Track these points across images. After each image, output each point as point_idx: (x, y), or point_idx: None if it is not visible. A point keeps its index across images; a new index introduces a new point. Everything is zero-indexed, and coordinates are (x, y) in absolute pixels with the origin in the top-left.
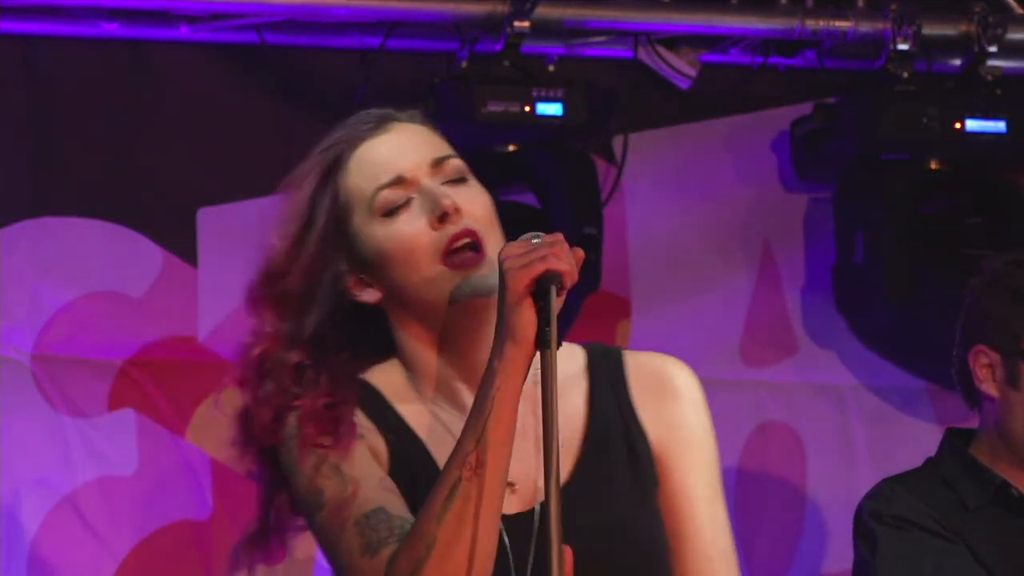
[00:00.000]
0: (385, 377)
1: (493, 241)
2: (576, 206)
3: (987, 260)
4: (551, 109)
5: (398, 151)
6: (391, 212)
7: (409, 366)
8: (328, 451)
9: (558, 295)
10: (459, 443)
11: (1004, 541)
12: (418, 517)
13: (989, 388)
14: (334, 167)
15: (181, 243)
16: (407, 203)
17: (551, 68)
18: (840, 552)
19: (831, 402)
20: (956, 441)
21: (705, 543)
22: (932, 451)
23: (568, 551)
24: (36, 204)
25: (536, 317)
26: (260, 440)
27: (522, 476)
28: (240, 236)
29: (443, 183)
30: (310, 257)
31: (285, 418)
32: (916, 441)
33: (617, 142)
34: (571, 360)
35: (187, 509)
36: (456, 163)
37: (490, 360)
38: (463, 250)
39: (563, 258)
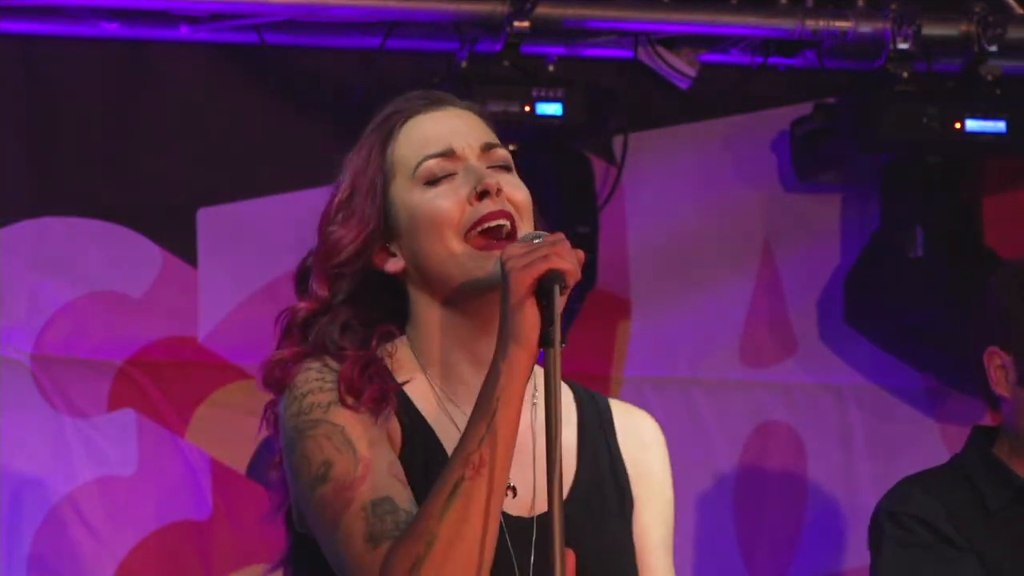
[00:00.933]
0: (397, 356)
1: (525, 232)
2: (570, 204)
3: (1005, 261)
4: (551, 109)
5: (450, 128)
6: (433, 181)
7: (417, 350)
8: (345, 418)
9: (561, 294)
10: (462, 441)
11: (1021, 545)
12: (419, 514)
13: (1002, 390)
14: (386, 138)
15: (181, 243)
16: (450, 176)
17: (551, 68)
18: (840, 552)
19: (831, 402)
20: (981, 439)
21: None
22: (933, 450)
23: (571, 554)
24: (36, 204)
25: (540, 317)
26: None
27: (523, 483)
28: (240, 236)
29: (489, 167)
30: (355, 222)
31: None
32: (916, 441)
33: (617, 142)
34: (564, 391)
35: (187, 509)
36: (504, 153)
37: (494, 360)
38: (495, 231)
39: (565, 257)
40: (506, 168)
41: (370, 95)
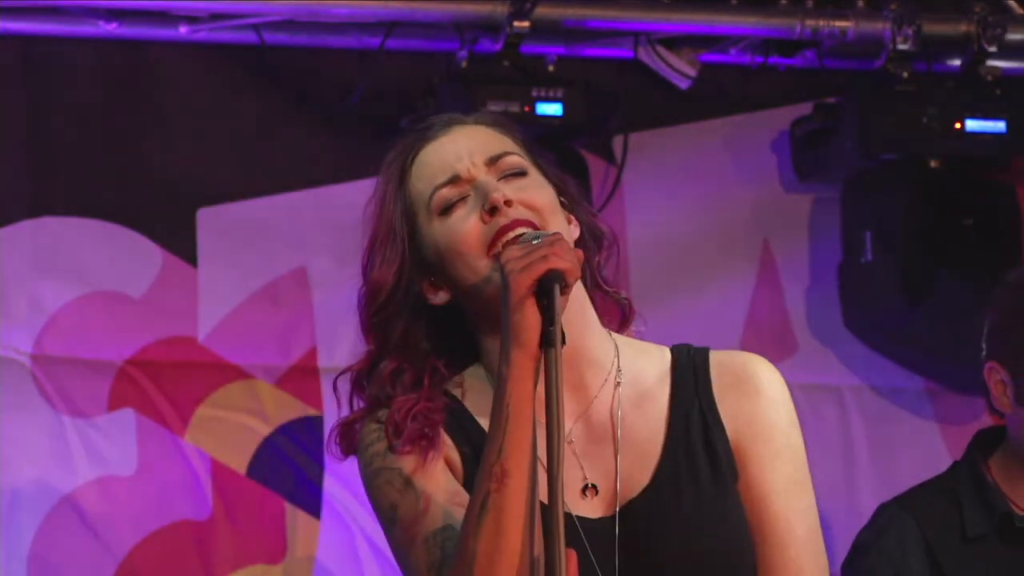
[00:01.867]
0: (469, 384)
1: (554, 230)
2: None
3: (1011, 272)
4: (551, 109)
5: (454, 152)
6: (447, 210)
7: (488, 372)
8: (402, 461)
9: (562, 294)
10: (484, 456)
11: (999, 573)
12: (459, 537)
13: (1002, 405)
14: (400, 176)
15: (181, 243)
16: (463, 200)
17: (551, 68)
18: (840, 552)
19: (831, 402)
20: (979, 450)
21: (781, 533)
22: (932, 451)
23: (572, 553)
24: (36, 204)
25: (540, 318)
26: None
27: (603, 479)
28: (240, 236)
29: (499, 179)
30: (395, 267)
31: (366, 423)
32: (916, 441)
33: (617, 142)
34: (656, 362)
35: (187, 509)
36: (513, 159)
37: (499, 366)
38: (516, 240)
39: (564, 256)
40: (518, 174)
41: (370, 95)
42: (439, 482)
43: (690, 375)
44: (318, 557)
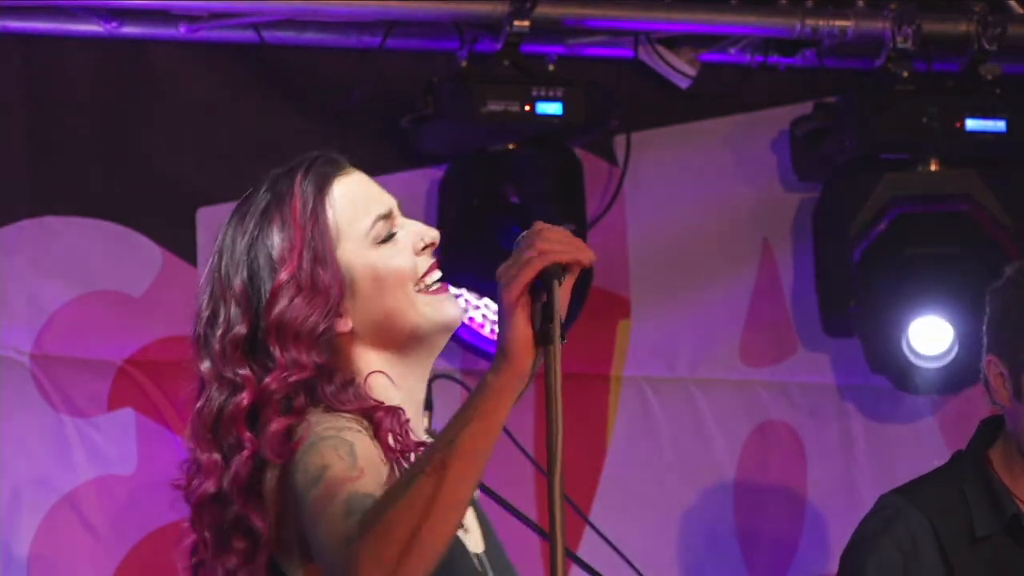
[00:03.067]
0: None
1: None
2: (555, 201)
3: (1010, 265)
4: (551, 109)
5: (377, 191)
6: (386, 240)
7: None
8: (357, 442)
9: (564, 281)
10: (432, 443)
11: (1008, 574)
12: (383, 496)
13: (1002, 398)
14: (318, 197)
15: (181, 243)
16: (394, 236)
17: (551, 68)
18: (840, 552)
19: (831, 402)
20: (983, 441)
21: None
22: (931, 451)
23: None
24: (36, 204)
25: (529, 332)
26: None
27: (469, 520)
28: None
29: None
30: (320, 297)
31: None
32: (916, 441)
33: (619, 142)
34: None
35: (187, 509)
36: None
37: (488, 372)
38: (437, 281)
39: (550, 250)
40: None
41: (370, 95)
42: (380, 469)
43: None
44: None
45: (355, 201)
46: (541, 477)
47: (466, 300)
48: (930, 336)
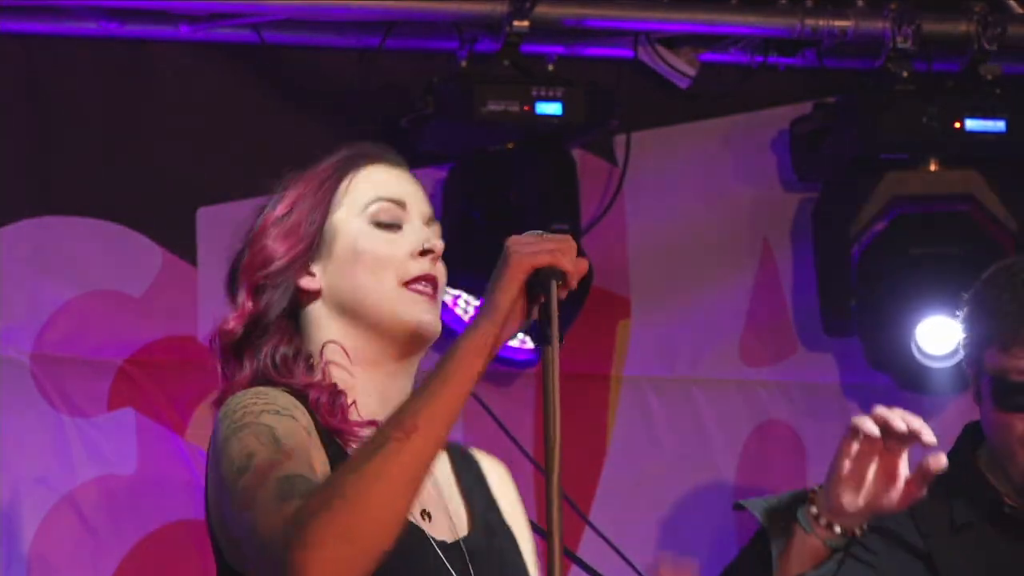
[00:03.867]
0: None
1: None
2: (547, 200)
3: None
4: (551, 109)
5: (410, 187)
6: (382, 224)
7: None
8: (276, 425)
9: (558, 292)
10: (401, 407)
11: (988, 561)
12: (336, 469)
13: (976, 399)
14: (342, 172)
15: (181, 243)
16: (398, 227)
17: (551, 68)
18: None
19: (831, 402)
20: (967, 440)
21: None
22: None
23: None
24: (36, 204)
25: (525, 303)
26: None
27: (435, 508)
28: (240, 236)
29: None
30: (290, 239)
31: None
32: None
33: (619, 142)
34: None
35: (187, 509)
36: (439, 232)
37: (459, 337)
38: (425, 285)
39: (568, 258)
40: (435, 250)
41: (370, 95)
42: (306, 453)
43: (465, 460)
44: None
45: (375, 178)
46: (541, 477)
47: (465, 301)
48: (938, 336)
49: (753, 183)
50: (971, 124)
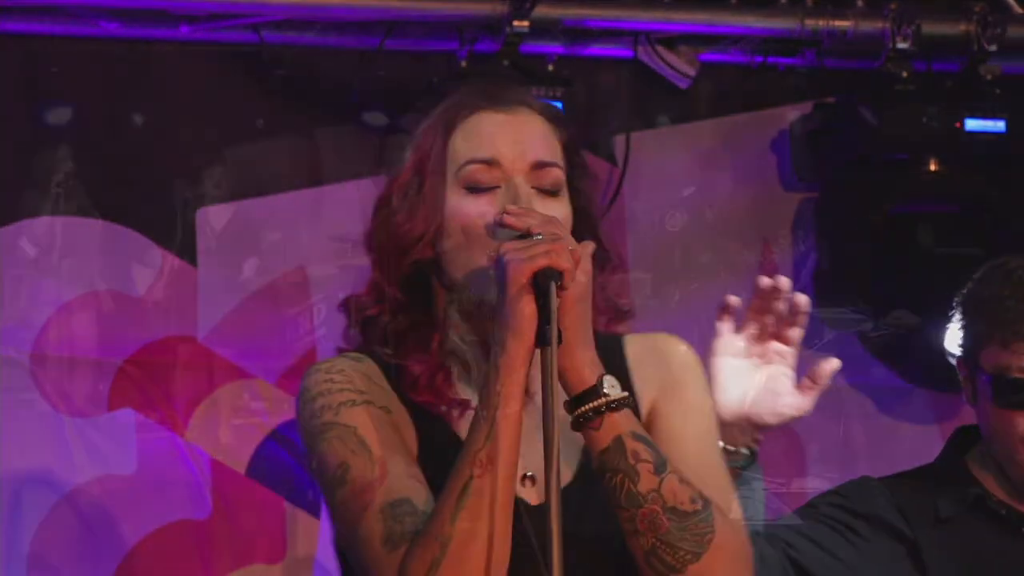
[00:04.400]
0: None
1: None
2: None
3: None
4: None
5: (508, 135)
6: (472, 189)
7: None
8: (356, 420)
9: (557, 294)
10: (468, 440)
11: (973, 555)
12: (431, 517)
13: (969, 400)
14: (448, 127)
15: (181, 243)
16: (491, 190)
17: (551, 68)
18: None
19: (832, 402)
20: (958, 443)
21: (693, 464)
22: (933, 451)
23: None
24: (37, 204)
25: (537, 310)
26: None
27: (540, 469)
28: (240, 236)
29: (534, 187)
30: (422, 215)
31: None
32: (914, 440)
33: (619, 142)
34: None
35: (187, 509)
36: (556, 174)
37: (492, 356)
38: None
39: (564, 256)
40: (551, 192)
41: (369, 95)
42: (395, 452)
43: (607, 362)
44: (318, 557)
45: (472, 136)
46: None
47: None
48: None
49: (753, 183)
50: (971, 124)
